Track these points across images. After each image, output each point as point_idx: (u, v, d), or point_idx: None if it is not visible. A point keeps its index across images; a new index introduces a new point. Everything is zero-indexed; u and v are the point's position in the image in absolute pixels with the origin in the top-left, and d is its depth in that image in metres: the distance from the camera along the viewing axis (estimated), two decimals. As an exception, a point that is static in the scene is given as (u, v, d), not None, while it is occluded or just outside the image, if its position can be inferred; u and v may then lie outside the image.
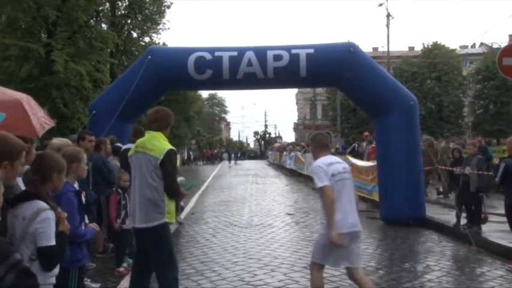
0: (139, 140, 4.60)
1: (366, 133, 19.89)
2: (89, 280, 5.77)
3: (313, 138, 4.91)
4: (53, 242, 2.84)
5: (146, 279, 4.58)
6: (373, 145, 15.64)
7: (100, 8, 27.19)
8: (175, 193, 4.42)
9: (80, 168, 3.94)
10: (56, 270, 2.99)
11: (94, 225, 4.05)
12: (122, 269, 6.47)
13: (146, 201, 4.31)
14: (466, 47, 57.46)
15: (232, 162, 54.18)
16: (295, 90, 76.80)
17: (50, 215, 2.84)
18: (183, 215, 11.19)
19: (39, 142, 7.20)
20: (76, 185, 5.00)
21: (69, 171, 3.81)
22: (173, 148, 4.43)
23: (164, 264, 4.37)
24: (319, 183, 4.38)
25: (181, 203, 11.04)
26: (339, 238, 4.27)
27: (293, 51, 10.24)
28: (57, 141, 5.01)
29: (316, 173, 4.43)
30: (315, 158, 4.70)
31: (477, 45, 59.23)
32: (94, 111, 10.20)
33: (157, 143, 4.40)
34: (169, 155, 4.31)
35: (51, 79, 19.46)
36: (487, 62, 42.63)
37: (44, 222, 2.80)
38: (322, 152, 4.67)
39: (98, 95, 14.04)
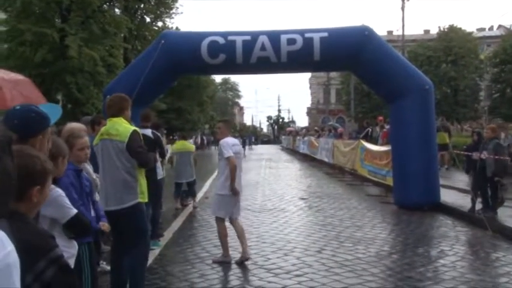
0: (103, 128, 4.81)
1: (380, 117, 19.77)
2: (104, 263, 5.85)
3: (225, 122, 6.77)
4: (74, 210, 3.09)
5: (124, 258, 4.77)
6: (385, 130, 15.57)
7: (113, -7, 27.13)
8: (150, 164, 4.87)
9: (72, 154, 3.91)
10: (74, 250, 3.14)
11: (103, 226, 3.98)
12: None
13: (120, 184, 4.55)
14: (484, 29, 56.59)
15: (247, 147, 52.18)
16: (308, 75, 76.36)
17: (57, 192, 3.00)
18: (196, 200, 11.24)
19: (55, 127, 7.24)
20: (91, 169, 5.08)
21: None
22: (136, 129, 4.70)
23: (136, 243, 4.63)
24: (227, 154, 6.11)
25: (185, 188, 11.02)
26: (237, 190, 6.21)
27: (307, 35, 10.14)
28: (71, 125, 5.03)
29: (225, 146, 6.21)
30: (223, 137, 6.34)
31: (495, 28, 58.18)
32: (108, 96, 10.23)
33: (120, 127, 4.62)
34: (133, 136, 4.57)
35: (65, 64, 19.56)
36: (505, 45, 41.94)
37: (55, 201, 2.95)
38: (228, 134, 6.51)
39: (112, 80, 14.09)
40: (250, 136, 65.50)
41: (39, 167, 1.84)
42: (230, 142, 6.33)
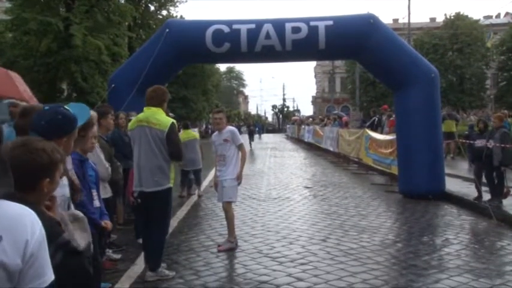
0: (141, 115, 5.22)
1: (385, 106, 19.69)
2: (110, 251, 5.89)
3: (223, 111, 6.89)
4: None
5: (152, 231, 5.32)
6: (392, 118, 15.50)
7: (117, -19, 27.04)
8: (181, 157, 5.33)
9: (80, 142, 3.89)
10: None
11: (107, 224, 3.94)
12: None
13: (157, 169, 5.04)
14: (490, 17, 56.09)
15: (256, 136, 43.53)
16: (313, 63, 76.14)
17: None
18: (201, 188, 11.28)
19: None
20: (103, 156, 5.21)
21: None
22: (174, 121, 5.16)
23: (162, 222, 5.23)
24: (241, 141, 6.59)
25: (192, 176, 11.11)
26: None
27: (312, 23, 10.08)
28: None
29: (237, 134, 6.67)
30: (224, 126, 6.57)
31: (502, 15, 57.66)
32: (113, 85, 10.25)
33: (160, 117, 5.08)
34: (173, 127, 5.06)
35: (70, 53, 19.57)
36: (512, 33, 41.51)
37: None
38: (228, 123, 6.81)
39: (117, 68, 14.09)
40: (259, 125, 63.00)
41: (46, 160, 1.86)
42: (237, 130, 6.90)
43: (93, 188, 3.87)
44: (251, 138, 33.47)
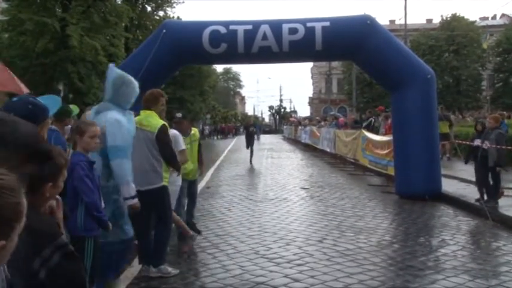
0: (136, 118, 5.35)
1: (381, 107, 19.72)
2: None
3: (179, 118, 6.72)
4: None
5: (151, 232, 5.43)
6: (389, 121, 15.51)
7: (114, -19, 26.98)
8: (172, 160, 5.34)
9: (82, 141, 3.93)
10: None
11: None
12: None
13: (149, 168, 5.20)
14: (487, 18, 56.30)
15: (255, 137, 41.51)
16: (310, 64, 76.24)
17: None
18: (198, 189, 11.27)
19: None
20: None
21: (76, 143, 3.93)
22: (165, 123, 5.31)
23: (162, 220, 5.35)
24: (182, 147, 6.11)
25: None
26: None
27: (309, 24, 10.09)
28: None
29: (179, 139, 6.16)
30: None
31: (498, 17, 57.88)
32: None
33: (152, 120, 5.27)
34: (162, 130, 5.21)
35: (66, 54, 19.52)
36: (508, 34, 41.76)
37: None
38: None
39: (113, 69, 14.04)
40: (259, 126, 58.46)
41: (50, 163, 1.85)
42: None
43: None
44: (250, 144, 20.18)
